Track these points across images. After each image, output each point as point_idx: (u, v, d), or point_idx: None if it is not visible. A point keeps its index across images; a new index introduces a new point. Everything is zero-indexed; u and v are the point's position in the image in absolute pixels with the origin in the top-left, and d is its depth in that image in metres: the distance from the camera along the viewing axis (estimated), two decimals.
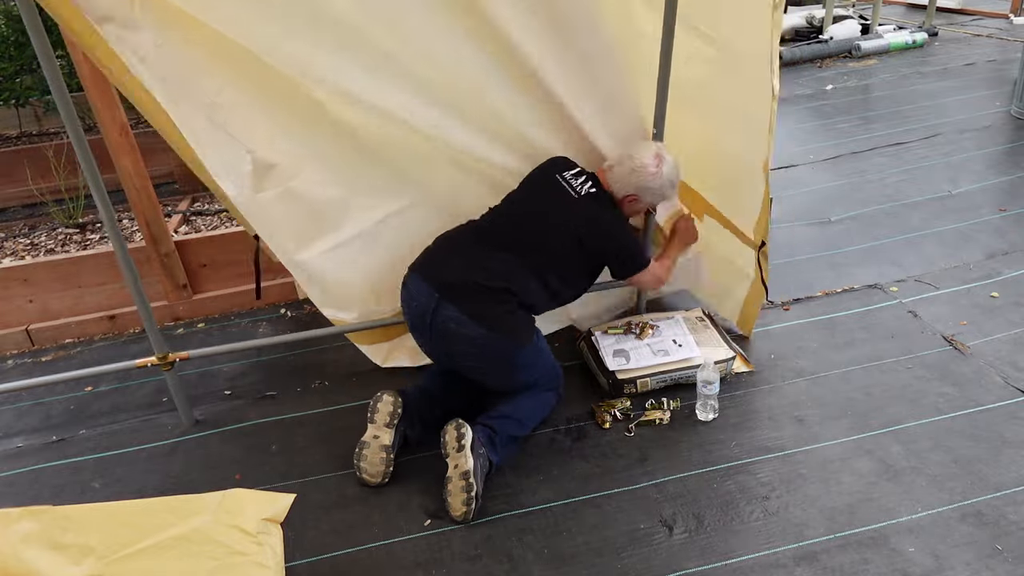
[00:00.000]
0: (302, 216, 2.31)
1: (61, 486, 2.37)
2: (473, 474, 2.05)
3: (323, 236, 2.37)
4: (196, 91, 2.04)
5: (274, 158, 2.18)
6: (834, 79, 6.05)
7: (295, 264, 2.41)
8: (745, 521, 2.02)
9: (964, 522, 1.96)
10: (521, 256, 2.19)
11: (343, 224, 2.37)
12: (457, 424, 2.13)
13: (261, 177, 2.20)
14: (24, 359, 3.14)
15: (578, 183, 2.28)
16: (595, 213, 2.26)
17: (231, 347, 2.83)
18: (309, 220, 2.32)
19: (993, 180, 3.95)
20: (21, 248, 3.54)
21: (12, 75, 4.25)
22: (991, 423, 2.28)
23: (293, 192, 2.24)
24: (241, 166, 2.17)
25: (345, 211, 2.35)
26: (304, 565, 1.99)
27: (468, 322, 2.09)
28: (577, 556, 1.96)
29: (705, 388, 2.37)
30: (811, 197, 3.98)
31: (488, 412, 2.24)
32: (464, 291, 2.11)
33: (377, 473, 2.20)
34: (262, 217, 2.30)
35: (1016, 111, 4.76)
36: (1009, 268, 3.12)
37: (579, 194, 2.26)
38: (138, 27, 1.90)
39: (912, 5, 8.40)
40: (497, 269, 2.16)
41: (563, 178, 2.29)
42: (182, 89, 2.03)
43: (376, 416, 2.25)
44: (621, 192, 2.31)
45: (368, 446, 2.22)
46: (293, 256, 2.38)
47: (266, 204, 2.26)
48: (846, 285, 3.10)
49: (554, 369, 2.37)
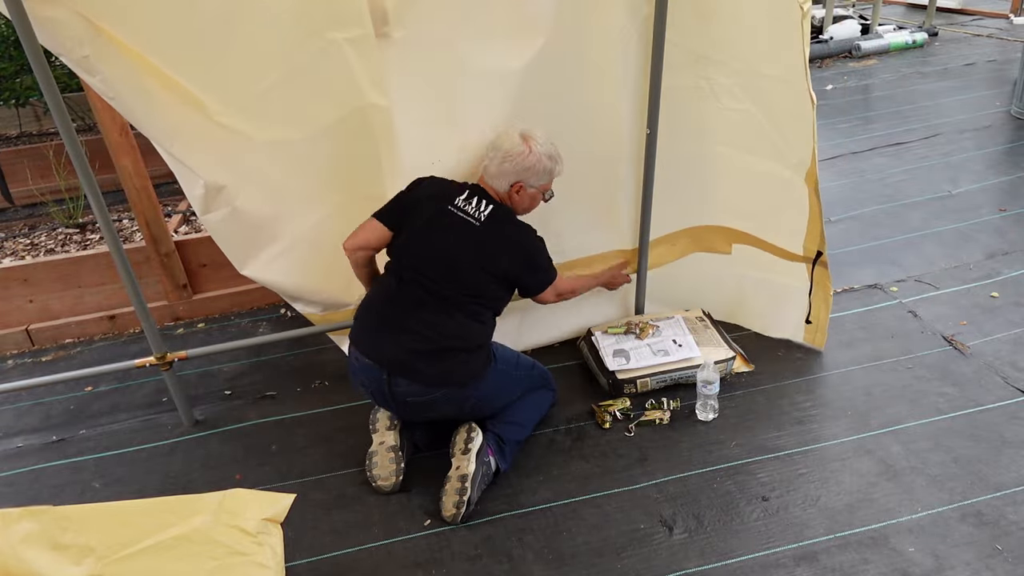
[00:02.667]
0: (248, 231, 2.42)
1: (61, 486, 2.37)
2: (471, 480, 2.06)
3: (268, 246, 2.47)
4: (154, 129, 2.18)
5: (223, 180, 2.29)
6: (834, 79, 6.05)
7: (249, 275, 2.53)
8: (745, 521, 2.02)
9: (964, 522, 1.96)
10: (443, 305, 2.07)
11: (282, 234, 2.45)
12: (469, 428, 2.15)
13: (211, 199, 2.31)
14: (24, 359, 3.14)
15: (473, 207, 2.12)
16: (501, 238, 2.12)
17: (229, 346, 2.83)
18: (254, 233, 2.44)
19: (993, 180, 3.95)
20: (21, 248, 3.53)
21: (12, 75, 4.24)
22: (991, 423, 2.28)
23: (238, 211, 2.34)
24: (194, 190, 2.31)
25: (283, 221, 2.43)
26: (304, 565, 1.99)
27: (424, 390, 2.07)
28: (577, 556, 1.96)
29: (705, 388, 2.37)
30: None
31: (493, 419, 2.24)
32: (407, 363, 2.06)
33: (390, 476, 2.19)
34: (216, 235, 2.44)
35: (1016, 111, 4.76)
36: (1009, 268, 3.12)
37: (480, 220, 2.11)
38: (93, 71, 2.01)
39: (912, 5, 8.40)
40: (427, 332, 2.05)
41: (457, 207, 2.12)
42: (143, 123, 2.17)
43: (377, 424, 2.26)
44: (505, 186, 2.15)
45: (376, 453, 2.22)
46: (243, 269, 2.51)
47: (215, 224, 2.38)
48: (846, 285, 3.10)
49: (534, 370, 2.35)
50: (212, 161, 2.26)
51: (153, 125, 2.17)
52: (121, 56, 1.99)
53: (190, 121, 2.16)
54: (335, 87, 2.17)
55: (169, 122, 2.16)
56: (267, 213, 2.40)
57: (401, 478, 2.20)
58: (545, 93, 2.30)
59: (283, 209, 2.41)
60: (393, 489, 2.20)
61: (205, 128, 2.18)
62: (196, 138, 2.20)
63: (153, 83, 2.05)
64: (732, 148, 2.49)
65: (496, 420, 2.24)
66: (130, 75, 2.04)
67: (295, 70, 2.13)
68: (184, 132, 2.17)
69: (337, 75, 2.16)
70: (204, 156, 2.24)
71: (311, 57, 2.11)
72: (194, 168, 2.25)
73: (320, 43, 2.10)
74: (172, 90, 2.09)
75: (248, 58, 2.12)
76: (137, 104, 2.12)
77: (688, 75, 2.36)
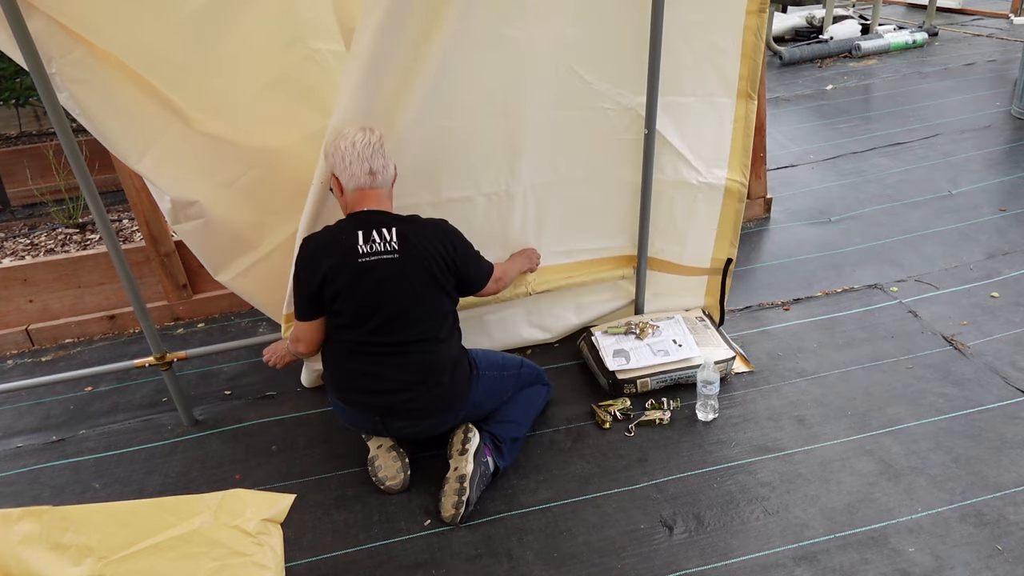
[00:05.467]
0: (224, 240, 2.42)
1: (61, 486, 2.37)
2: (469, 480, 2.06)
3: (245, 254, 2.47)
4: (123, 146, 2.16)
5: (194, 196, 2.28)
6: (834, 79, 6.05)
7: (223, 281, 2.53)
8: (745, 521, 2.02)
9: (964, 522, 1.96)
10: (407, 343, 2.03)
11: (261, 242, 2.46)
12: (466, 428, 2.15)
13: (179, 212, 2.30)
14: (24, 359, 3.13)
15: (379, 240, 1.95)
16: (425, 248, 1.98)
17: (229, 346, 2.83)
18: (231, 243, 2.44)
19: (993, 180, 3.95)
20: (21, 248, 3.53)
21: (12, 75, 4.25)
22: (991, 423, 2.28)
23: (212, 222, 2.34)
24: (162, 203, 2.34)
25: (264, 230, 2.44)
26: (304, 565, 1.99)
27: (419, 423, 2.13)
28: (577, 556, 1.95)
29: (705, 388, 2.37)
30: (811, 197, 3.98)
31: (488, 419, 2.25)
32: (397, 407, 2.09)
33: (396, 474, 2.19)
34: (188, 242, 2.43)
35: (1016, 111, 4.76)
36: (1009, 268, 3.11)
37: (395, 249, 1.95)
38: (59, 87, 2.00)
39: (912, 5, 8.40)
40: (404, 377, 2.05)
41: (364, 252, 1.95)
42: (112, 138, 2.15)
43: None
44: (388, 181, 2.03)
45: (377, 457, 2.22)
46: (217, 275, 2.51)
47: (186, 233, 2.37)
48: (846, 285, 3.10)
49: (523, 368, 2.34)
50: (186, 175, 2.23)
51: (123, 141, 2.14)
52: (100, 67, 1.97)
53: (169, 131, 2.13)
54: (320, 95, 2.17)
55: (143, 136, 2.13)
56: (247, 221, 2.39)
57: (409, 473, 2.20)
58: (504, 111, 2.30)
59: (264, 218, 2.40)
60: (403, 487, 2.19)
61: (185, 138, 2.16)
62: (172, 151, 2.17)
63: (132, 94, 2.02)
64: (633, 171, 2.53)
65: (491, 420, 2.25)
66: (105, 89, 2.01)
67: (282, 76, 2.11)
68: (160, 145, 2.13)
69: (322, 83, 2.15)
70: (176, 171, 2.21)
71: (297, 63, 2.10)
72: (162, 187, 2.24)
73: (305, 51, 2.10)
74: (153, 99, 2.06)
75: (233, 64, 2.11)
76: (108, 119, 2.08)
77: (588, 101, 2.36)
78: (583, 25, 2.18)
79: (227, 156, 2.26)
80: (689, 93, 2.38)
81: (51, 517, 1.60)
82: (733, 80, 2.35)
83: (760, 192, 3.78)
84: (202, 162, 2.25)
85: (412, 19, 1.93)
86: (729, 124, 2.42)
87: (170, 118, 2.14)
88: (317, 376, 2.67)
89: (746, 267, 3.36)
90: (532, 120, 2.31)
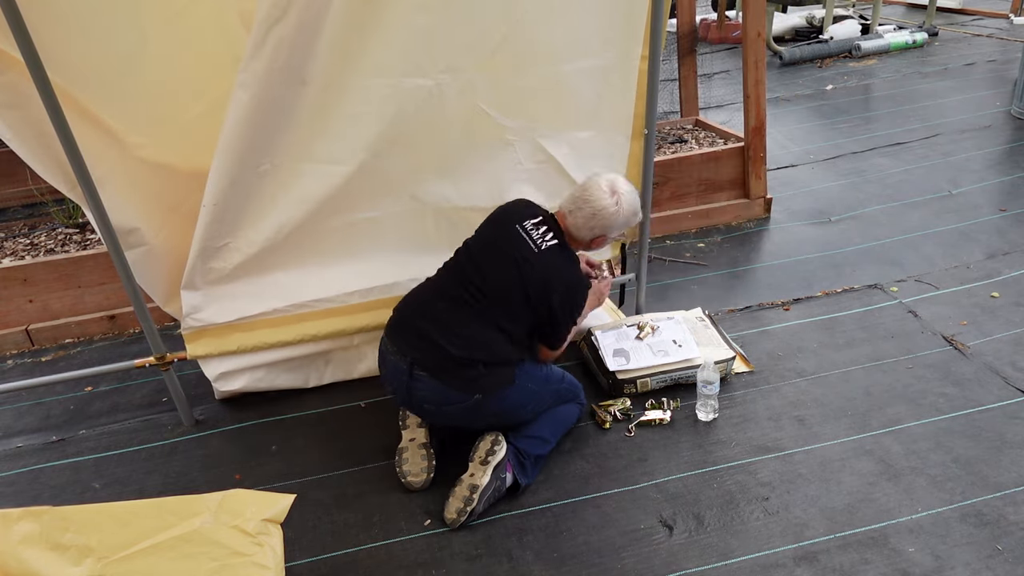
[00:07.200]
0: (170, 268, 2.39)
1: (61, 486, 2.37)
2: (481, 491, 2.05)
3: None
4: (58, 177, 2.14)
5: (134, 223, 2.25)
6: (834, 79, 6.05)
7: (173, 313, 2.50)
8: (745, 521, 2.02)
9: (964, 522, 1.96)
10: (482, 315, 2.10)
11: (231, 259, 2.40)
12: (495, 438, 2.13)
13: (122, 239, 2.22)
14: (24, 359, 3.14)
15: (538, 234, 2.15)
16: (550, 274, 2.12)
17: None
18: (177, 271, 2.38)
19: (993, 180, 3.95)
20: (21, 248, 3.53)
21: None
22: (991, 423, 2.28)
23: (155, 249, 2.33)
24: None
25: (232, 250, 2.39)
26: (304, 565, 1.99)
27: (439, 396, 2.09)
28: (577, 556, 1.96)
29: (705, 388, 2.37)
30: (811, 197, 3.98)
31: (516, 432, 2.21)
32: (435, 366, 2.07)
33: (420, 472, 2.19)
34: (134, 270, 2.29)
35: (1016, 111, 4.76)
36: (1009, 268, 3.12)
37: (540, 248, 2.13)
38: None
39: (912, 5, 8.41)
40: (460, 331, 2.08)
41: (523, 228, 2.16)
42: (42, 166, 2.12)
43: (408, 420, 2.27)
44: (588, 236, 2.20)
45: (407, 449, 2.22)
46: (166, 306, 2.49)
47: (131, 261, 2.26)
48: (846, 285, 3.10)
49: (562, 383, 2.30)
50: (125, 202, 2.20)
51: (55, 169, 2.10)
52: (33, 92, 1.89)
53: (105, 159, 2.10)
54: None
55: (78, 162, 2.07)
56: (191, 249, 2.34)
57: (432, 475, 2.19)
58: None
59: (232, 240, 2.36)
60: (423, 486, 2.19)
61: (122, 165, 2.13)
62: (109, 177, 2.12)
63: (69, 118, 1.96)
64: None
65: (518, 433, 2.20)
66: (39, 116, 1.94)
67: (220, 101, 2.07)
68: (97, 170, 2.07)
69: None
70: (114, 197, 2.16)
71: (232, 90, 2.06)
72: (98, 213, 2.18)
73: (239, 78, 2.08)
74: (89, 124, 2.04)
75: (171, 89, 2.09)
76: (38, 146, 2.05)
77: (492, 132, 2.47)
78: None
79: (166, 182, 2.24)
80: (587, 128, 2.56)
81: (51, 517, 1.60)
82: (629, 118, 2.55)
83: (760, 192, 3.78)
84: (140, 188, 2.21)
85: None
86: (624, 161, 2.64)
87: (109, 142, 2.11)
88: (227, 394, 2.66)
89: (746, 267, 3.37)
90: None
